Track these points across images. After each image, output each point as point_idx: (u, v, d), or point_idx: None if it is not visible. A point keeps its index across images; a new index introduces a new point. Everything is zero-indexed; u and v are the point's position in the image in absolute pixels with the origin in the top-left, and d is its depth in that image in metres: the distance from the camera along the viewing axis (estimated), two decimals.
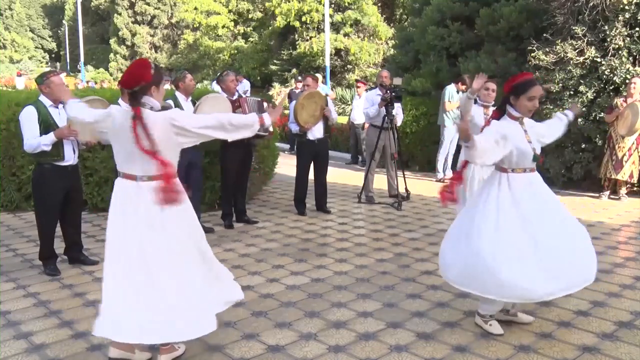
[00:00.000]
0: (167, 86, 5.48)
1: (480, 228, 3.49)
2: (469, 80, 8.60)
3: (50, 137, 4.57)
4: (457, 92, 8.97)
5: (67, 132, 4.60)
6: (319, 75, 12.54)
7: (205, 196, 7.06)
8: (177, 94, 6.00)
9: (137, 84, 3.11)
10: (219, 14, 31.05)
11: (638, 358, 3.35)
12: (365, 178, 7.81)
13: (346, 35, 24.11)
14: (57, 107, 4.75)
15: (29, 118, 4.62)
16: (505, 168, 3.58)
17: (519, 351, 3.43)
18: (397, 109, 7.63)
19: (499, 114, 3.69)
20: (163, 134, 3.08)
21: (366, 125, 8.68)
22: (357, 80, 12.25)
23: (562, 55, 8.22)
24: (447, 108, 9.09)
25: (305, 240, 5.96)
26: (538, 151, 3.58)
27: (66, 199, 4.85)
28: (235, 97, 6.40)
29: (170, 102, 5.87)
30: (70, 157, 4.77)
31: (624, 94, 7.67)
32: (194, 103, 6.08)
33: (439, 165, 9.37)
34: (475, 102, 5.45)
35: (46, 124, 4.62)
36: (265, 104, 6.60)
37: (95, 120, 3.23)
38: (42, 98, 4.73)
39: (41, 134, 4.59)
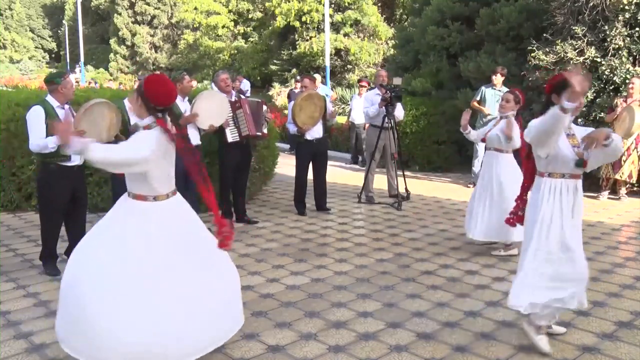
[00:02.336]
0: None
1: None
2: (501, 71, 8.36)
3: (57, 139, 4.54)
4: (492, 88, 8.52)
5: (74, 134, 4.54)
6: (318, 76, 12.52)
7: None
8: None
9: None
10: (219, 14, 31.03)
11: (638, 358, 3.35)
12: (365, 178, 7.81)
13: (346, 35, 24.09)
14: (63, 108, 4.73)
15: (37, 118, 4.59)
16: (542, 172, 3.45)
17: (519, 351, 3.43)
18: (398, 109, 7.63)
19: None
20: None
21: (366, 125, 8.67)
22: (360, 80, 12.24)
23: (562, 55, 8.22)
24: (472, 105, 8.37)
25: (305, 240, 5.96)
26: (587, 157, 3.33)
27: (71, 200, 4.84)
28: (234, 98, 6.39)
29: None
30: (76, 158, 4.74)
31: (624, 94, 7.67)
32: (191, 102, 6.09)
33: (476, 170, 8.66)
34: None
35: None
36: (265, 107, 6.61)
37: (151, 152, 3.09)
38: (50, 99, 4.70)
39: (47, 135, 4.55)
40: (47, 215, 4.84)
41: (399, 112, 7.76)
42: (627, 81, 7.72)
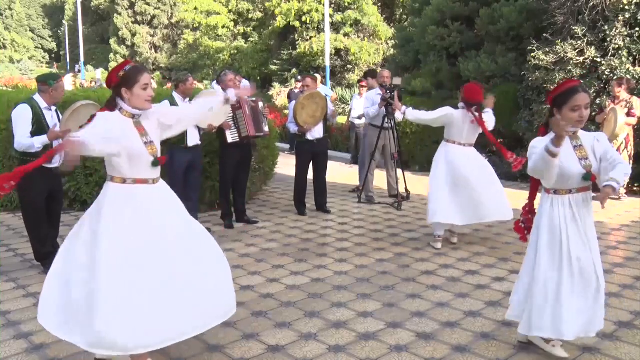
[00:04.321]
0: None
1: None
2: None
3: (43, 139, 4.52)
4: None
5: (61, 134, 4.54)
6: (318, 76, 12.52)
7: (205, 196, 7.06)
8: (175, 94, 5.98)
9: (109, 84, 3.15)
10: (219, 14, 31.06)
11: (638, 358, 3.35)
12: (365, 178, 7.81)
13: (346, 35, 24.09)
14: (50, 110, 4.73)
15: (23, 116, 4.58)
16: (547, 189, 3.27)
17: (519, 351, 3.43)
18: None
19: (544, 129, 3.31)
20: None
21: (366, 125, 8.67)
22: (360, 80, 12.25)
23: (562, 55, 8.23)
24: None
25: (305, 240, 5.96)
26: (595, 169, 3.17)
27: (48, 199, 4.84)
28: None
29: (167, 102, 5.87)
30: (56, 160, 4.75)
31: (612, 94, 7.71)
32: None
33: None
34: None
35: (39, 125, 4.59)
36: (260, 104, 6.59)
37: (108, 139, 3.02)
38: (38, 98, 4.69)
39: (32, 134, 4.55)
40: (30, 216, 4.84)
41: (399, 113, 7.75)
42: (611, 83, 7.72)
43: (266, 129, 6.57)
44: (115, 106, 3.13)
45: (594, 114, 7.88)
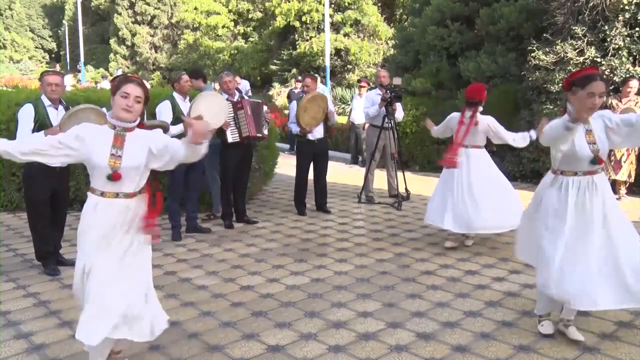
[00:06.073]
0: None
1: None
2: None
3: (40, 136, 4.57)
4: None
5: (58, 132, 4.58)
6: (318, 76, 12.52)
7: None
8: (175, 94, 6.00)
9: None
10: (219, 14, 31.05)
11: (638, 358, 3.35)
12: (365, 178, 7.81)
13: (346, 35, 24.08)
14: (57, 109, 4.77)
15: (26, 115, 4.66)
16: (554, 169, 3.51)
17: (519, 351, 3.43)
18: (397, 109, 7.64)
19: (564, 111, 3.47)
20: None
21: (366, 125, 8.68)
22: (359, 80, 12.26)
23: (562, 55, 8.22)
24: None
25: (305, 240, 5.96)
26: (603, 152, 3.36)
27: (53, 199, 4.86)
28: (236, 99, 6.39)
29: (167, 102, 5.87)
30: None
31: (618, 94, 7.69)
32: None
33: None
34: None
35: (42, 123, 4.64)
36: (265, 107, 6.60)
37: None
38: (43, 97, 4.78)
39: (34, 132, 4.59)
40: (33, 213, 4.89)
41: (399, 112, 7.77)
42: (624, 79, 7.69)
43: (265, 131, 6.56)
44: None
45: None
